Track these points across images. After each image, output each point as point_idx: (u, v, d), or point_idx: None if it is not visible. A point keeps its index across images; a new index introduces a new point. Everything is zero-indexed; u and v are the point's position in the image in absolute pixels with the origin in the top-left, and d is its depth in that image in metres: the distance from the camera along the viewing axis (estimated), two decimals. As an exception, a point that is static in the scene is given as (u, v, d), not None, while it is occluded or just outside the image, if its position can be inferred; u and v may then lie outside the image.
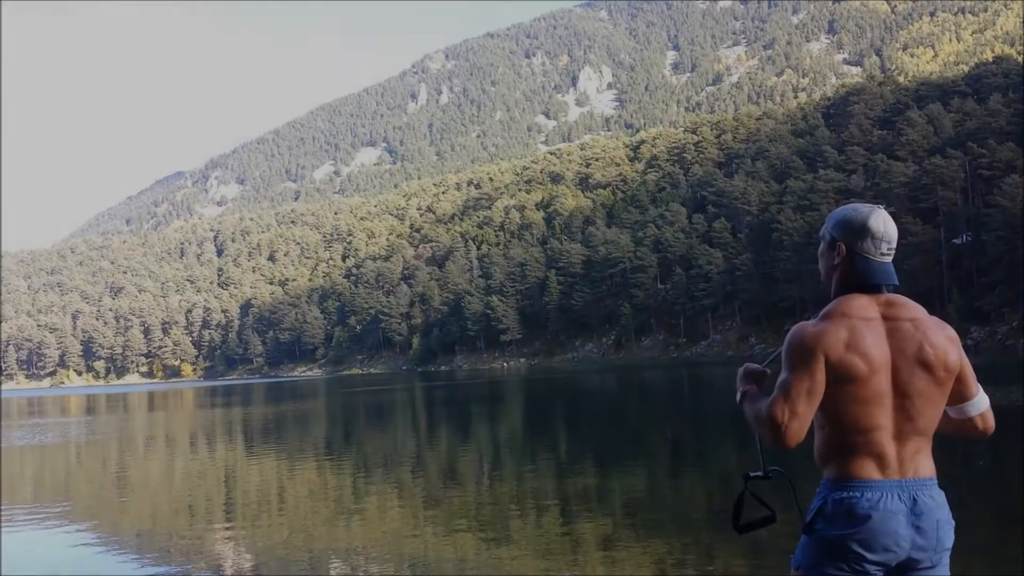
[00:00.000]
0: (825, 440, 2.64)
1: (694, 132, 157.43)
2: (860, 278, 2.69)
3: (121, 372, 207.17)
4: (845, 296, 2.69)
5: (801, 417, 2.53)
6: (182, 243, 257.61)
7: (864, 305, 2.64)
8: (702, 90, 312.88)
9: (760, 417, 2.61)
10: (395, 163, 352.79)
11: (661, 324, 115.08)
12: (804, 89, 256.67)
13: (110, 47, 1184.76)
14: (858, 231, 2.70)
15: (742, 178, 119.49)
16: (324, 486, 16.72)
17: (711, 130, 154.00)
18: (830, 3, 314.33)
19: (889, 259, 2.72)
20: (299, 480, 17.61)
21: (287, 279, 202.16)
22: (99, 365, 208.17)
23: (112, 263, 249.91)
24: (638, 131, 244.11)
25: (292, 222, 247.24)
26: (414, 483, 16.33)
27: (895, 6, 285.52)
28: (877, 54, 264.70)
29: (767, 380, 2.88)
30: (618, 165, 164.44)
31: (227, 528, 12.83)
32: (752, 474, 2.88)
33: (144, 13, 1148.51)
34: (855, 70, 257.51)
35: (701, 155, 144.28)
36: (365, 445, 25.50)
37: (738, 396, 2.81)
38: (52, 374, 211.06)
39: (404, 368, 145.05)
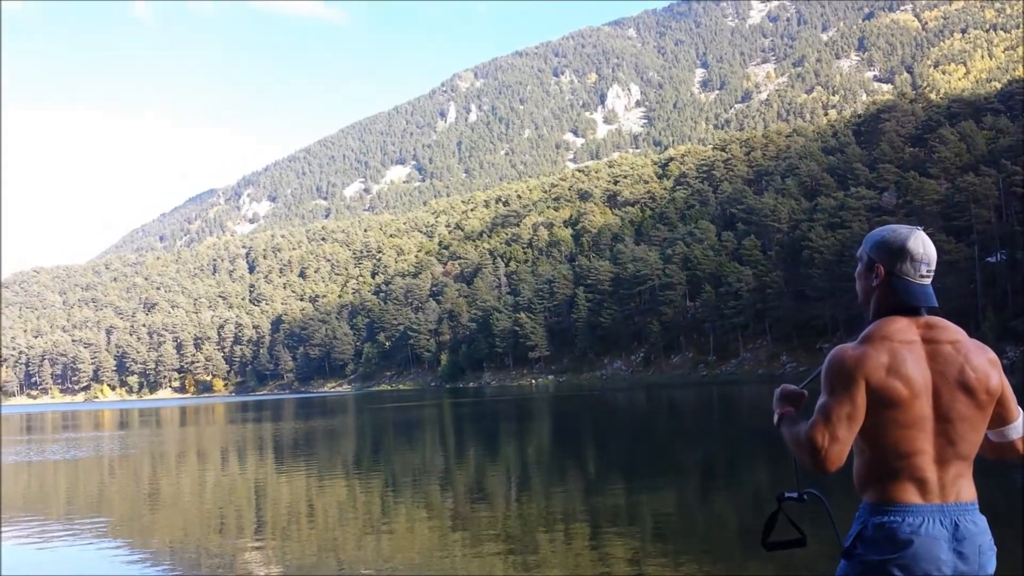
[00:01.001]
0: (865, 464, 2.62)
1: (723, 149, 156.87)
2: (899, 300, 2.65)
3: (154, 387, 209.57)
4: (885, 319, 2.65)
5: (842, 442, 2.50)
6: (215, 260, 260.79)
7: (904, 328, 2.60)
8: (731, 107, 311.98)
9: (799, 441, 2.58)
10: (424, 181, 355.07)
11: (690, 342, 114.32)
12: (834, 106, 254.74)
13: (144, 65, 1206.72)
14: (897, 253, 2.66)
15: (772, 195, 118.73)
16: (353, 502, 16.77)
17: (740, 147, 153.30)
18: (860, 20, 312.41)
19: (928, 281, 2.68)
20: (328, 496, 17.68)
21: (317, 295, 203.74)
22: (132, 380, 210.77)
23: (146, 279, 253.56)
24: (666, 148, 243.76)
25: (322, 239, 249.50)
26: (443, 500, 16.33)
27: (926, 23, 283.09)
28: (908, 71, 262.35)
29: (804, 402, 2.85)
30: (646, 182, 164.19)
31: (257, 543, 12.92)
32: (787, 495, 2.84)
33: (175, 33, 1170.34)
34: (886, 87, 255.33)
35: (730, 172, 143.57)
36: (394, 461, 25.55)
37: (775, 417, 2.78)
38: (86, 388, 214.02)
39: (432, 384, 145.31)
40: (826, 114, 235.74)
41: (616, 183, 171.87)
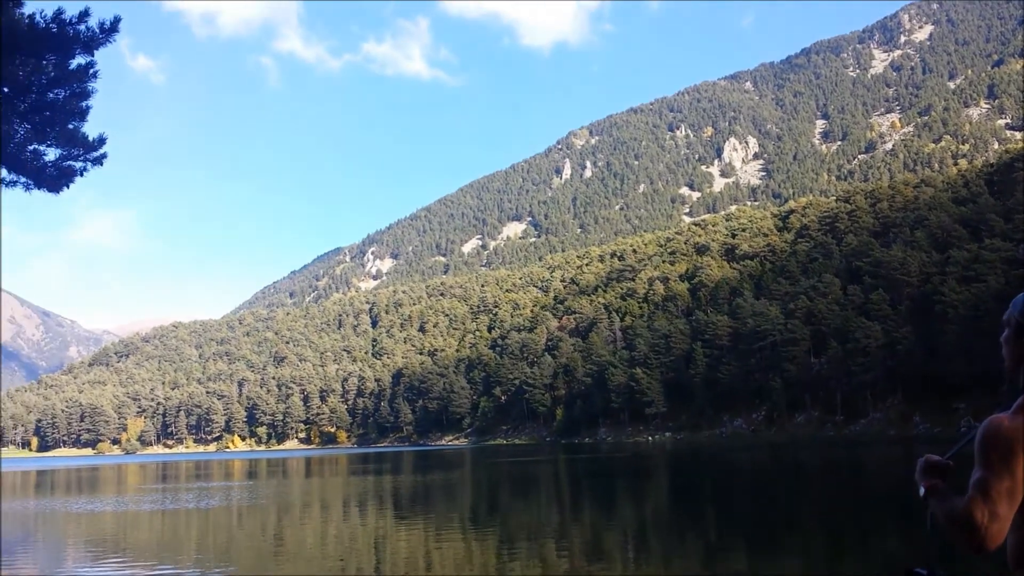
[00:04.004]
0: (1022, 542, 2.47)
1: (847, 201, 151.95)
2: None
3: (281, 438, 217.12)
4: None
5: (1002, 519, 2.36)
6: (340, 315, 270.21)
7: None
8: (854, 158, 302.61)
9: (955, 518, 2.43)
10: (540, 236, 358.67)
11: (815, 400, 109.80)
12: (964, 155, 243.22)
13: (273, 128, 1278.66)
14: None
15: (900, 248, 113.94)
16: (469, 557, 16.94)
17: (865, 199, 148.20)
18: (989, 68, 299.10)
19: None
20: (446, 550, 17.92)
21: (436, 349, 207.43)
22: (261, 431, 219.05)
23: (276, 333, 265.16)
24: (786, 201, 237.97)
25: (441, 294, 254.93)
26: (558, 558, 16.29)
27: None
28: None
29: (952, 474, 2.72)
30: (766, 235, 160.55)
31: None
32: (917, 570, 2.69)
33: (299, 97, 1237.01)
34: (1019, 135, 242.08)
35: (855, 224, 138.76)
36: (510, 517, 25.62)
37: (921, 491, 2.66)
38: (218, 439, 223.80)
39: (548, 439, 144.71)
40: (956, 163, 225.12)
41: (734, 236, 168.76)
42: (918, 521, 2.53)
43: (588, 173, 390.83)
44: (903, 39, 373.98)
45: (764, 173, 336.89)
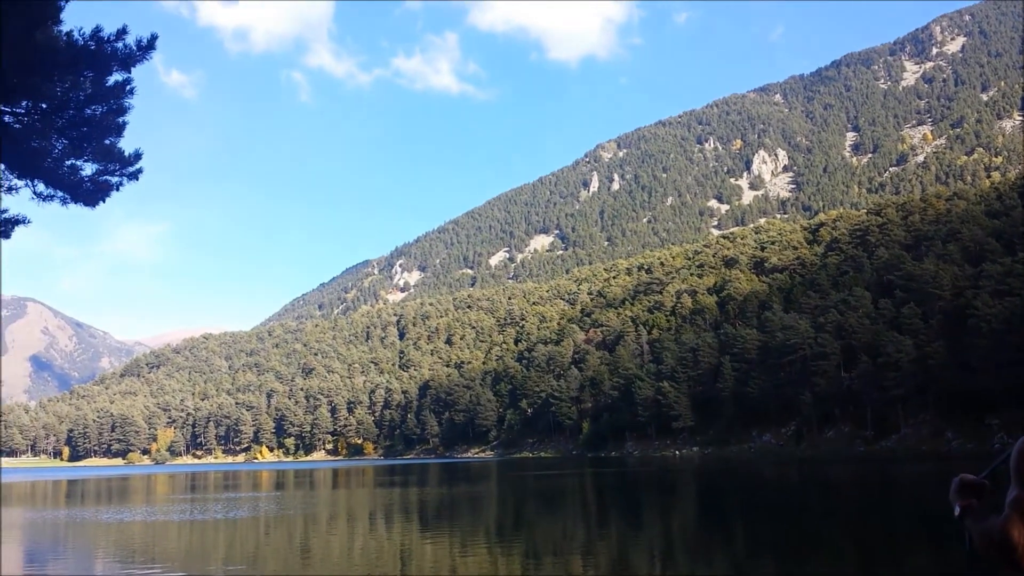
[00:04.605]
0: None
1: (878, 214, 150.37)
2: None
3: (309, 449, 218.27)
4: None
5: None
6: (368, 327, 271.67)
7: None
8: (885, 171, 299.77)
9: (992, 538, 2.40)
10: (567, 249, 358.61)
11: (846, 415, 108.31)
12: (997, 168, 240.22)
13: (303, 142, 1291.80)
14: None
15: (932, 261, 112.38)
16: (494, 570, 16.90)
17: (897, 211, 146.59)
18: (1022, 79, 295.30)
19: None
20: (471, 563, 17.90)
21: (463, 362, 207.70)
22: (289, 442, 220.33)
23: (304, 345, 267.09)
24: (816, 213, 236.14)
25: (468, 307, 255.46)
26: (584, 573, 16.20)
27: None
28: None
29: (988, 493, 2.68)
30: (796, 248, 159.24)
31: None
32: None
33: (330, 110, 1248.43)
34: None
35: (886, 237, 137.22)
36: (536, 530, 25.54)
37: (956, 510, 2.61)
38: (247, 450, 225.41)
39: (574, 452, 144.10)
40: (988, 176, 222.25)
41: (763, 249, 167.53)
42: (953, 541, 2.47)
43: (616, 186, 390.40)
44: (935, 51, 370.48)
45: (794, 186, 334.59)
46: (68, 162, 11.32)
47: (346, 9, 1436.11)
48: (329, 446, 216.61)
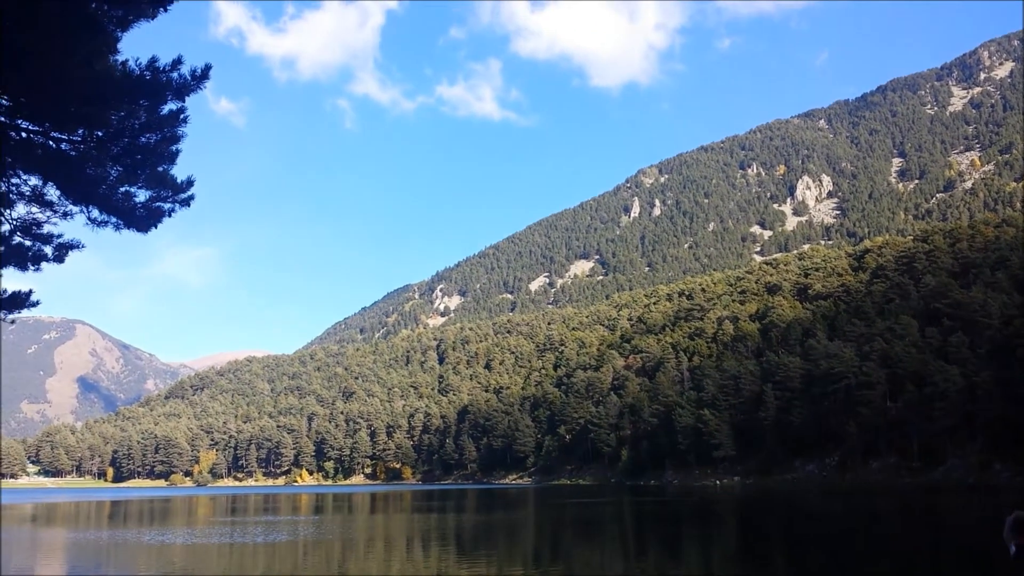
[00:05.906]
0: None
1: (925, 241, 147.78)
2: None
3: (348, 473, 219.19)
4: None
5: None
6: (408, 351, 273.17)
7: None
8: (932, 197, 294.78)
9: None
10: (607, 275, 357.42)
11: (891, 445, 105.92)
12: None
13: (346, 168, 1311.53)
14: None
15: (981, 289, 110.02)
16: (533, 598, 16.81)
17: (944, 238, 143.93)
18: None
19: None
20: (509, 590, 17.82)
21: (501, 387, 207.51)
22: (328, 465, 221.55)
23: (345, 369, 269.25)
24: (861, 240, 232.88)
25: (508, 332, 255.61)
26: (623, 602, 16.03)
27: None
28: None
29: None
30: (840, 275, 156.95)
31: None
32: None
33: (378, 141, 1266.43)
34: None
35: (933, 264, 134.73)
36: (573, 559, 25.34)
37: (1011, 549, 2.56)
38: (287, 473, 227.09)
39: (613, 480, 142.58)
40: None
41: (807, 276, 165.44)
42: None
43: (657, 211, 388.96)
44: (983, 76, 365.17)
45: (838, 212, 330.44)
46: (122, 188, 11.68)
47: (391, 38, 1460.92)
48: (368, 470, 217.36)
